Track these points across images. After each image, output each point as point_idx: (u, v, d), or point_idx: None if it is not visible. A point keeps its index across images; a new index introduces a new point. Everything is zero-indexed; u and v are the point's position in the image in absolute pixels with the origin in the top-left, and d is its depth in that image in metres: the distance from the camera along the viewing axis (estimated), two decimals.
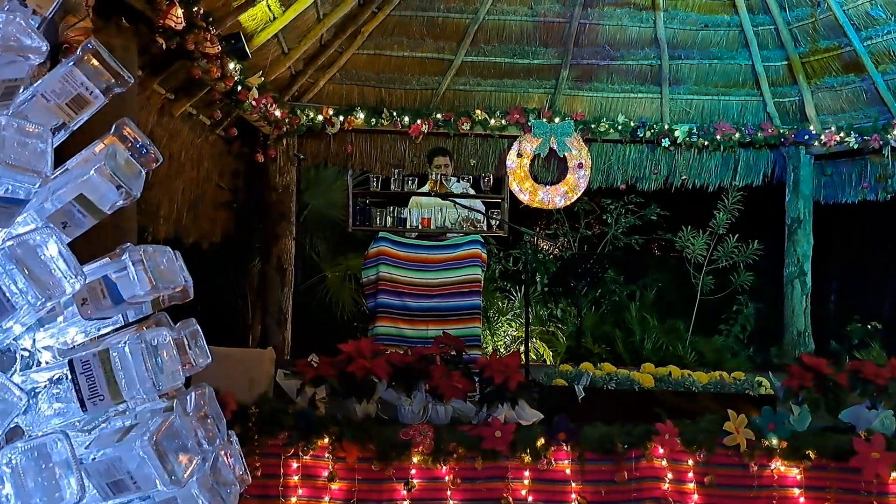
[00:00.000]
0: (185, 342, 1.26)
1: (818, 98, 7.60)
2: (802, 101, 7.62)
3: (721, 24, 7.49)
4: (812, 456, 3.80)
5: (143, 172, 1.31)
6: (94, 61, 1.30)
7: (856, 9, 6.78)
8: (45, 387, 1.16)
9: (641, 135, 7.69)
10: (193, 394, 1.30)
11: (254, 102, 5.86)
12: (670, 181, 7.96)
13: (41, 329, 1.20)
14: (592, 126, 7.68)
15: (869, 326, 7.79)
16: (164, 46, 3.86)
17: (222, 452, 1.36)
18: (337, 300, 8.06)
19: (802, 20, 7.19)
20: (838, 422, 4.05)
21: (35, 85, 1.27)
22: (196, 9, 4.14)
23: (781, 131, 7.62)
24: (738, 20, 7.41)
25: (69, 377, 1.12)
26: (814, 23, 7.07)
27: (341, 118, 7.33)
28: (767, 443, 3.84)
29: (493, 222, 5.90)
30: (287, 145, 7.25)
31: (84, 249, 1.43)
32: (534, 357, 8.21)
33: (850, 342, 7.79)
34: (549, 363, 8.04)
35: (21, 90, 1.21)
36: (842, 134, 7.32)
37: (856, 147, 7.29)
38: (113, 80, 1.33)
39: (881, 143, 7.10)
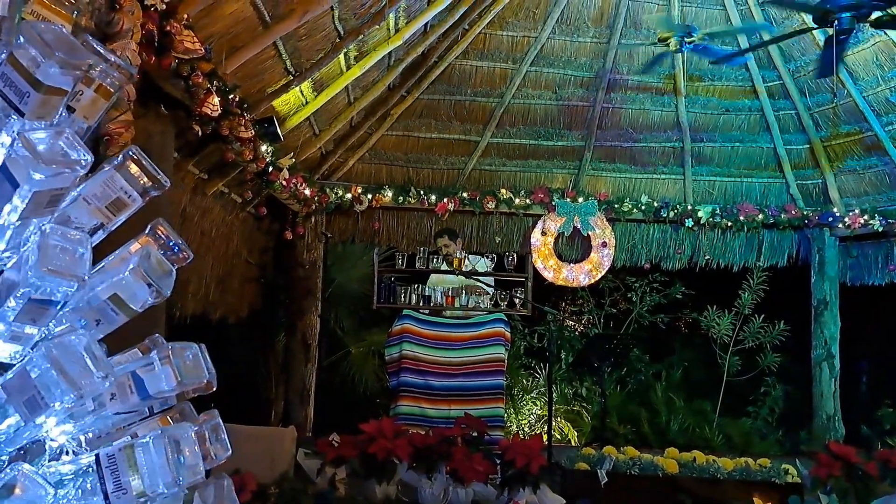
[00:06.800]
0: (207, 436, 1.31)
1: (841, 181, 7.65)
2: (825, 183, 7.67)
3: (742, 108, 7.64)
4: None
5: (174, 271, 1.38)
6: (134, 167, 1.39)
7: (875, 95, 6.89)
8: (71, 479, 1.22)
9: (665, 215, 7.77)
10: (213, 486, 1.34)
11: (284, 182, 6.04)
12: (694, 261, 7.99)
13: (70, 421, 1.25)
14: (616, 206, 7.78)
15: None
16: (200, 133, 4.04)
17: None
18: (360, 376, 8.06)
19: (823, 105, 7.31)
20: None
21: (78, 188, 1.36)
22: (232, 96, 4.33)
23: (805, 213, 7.67)
24: (759, 105, 7.56)
25: (95, 470, 1.17)
26: (834, 108, 7.18)
27: (369, 196, 7.49)
28: None
29: (516, 300, 5.94)
30: (315, 222, 7.41)
31: (122, 328, 1.50)
32: (558, 437, 8.11)
33: (881, 427, 7.59)
34: (573, 444, 7.93)
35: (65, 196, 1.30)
36: (866, 216, 7.33)
37: (881, 229, 7.28)
38: (150, 184, 1.41)
39: None
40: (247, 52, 4.53)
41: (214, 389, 1.54)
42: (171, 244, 1.44)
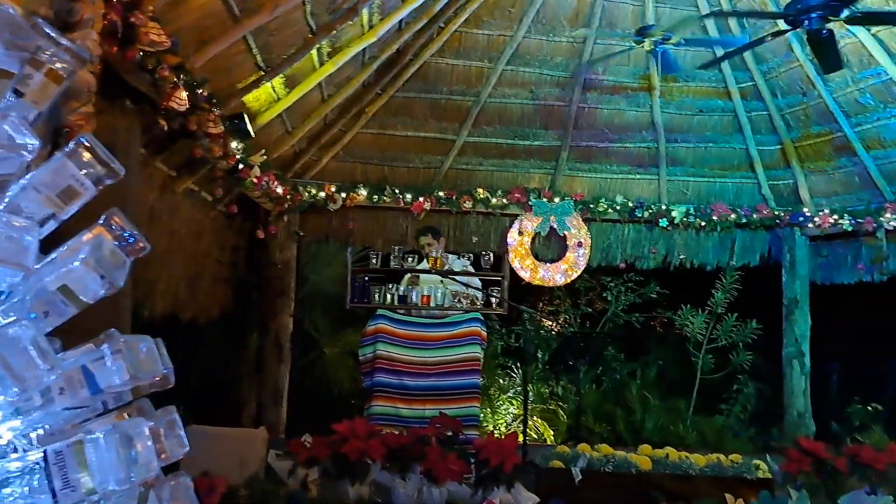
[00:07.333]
0: (162, 432, 1.27)
1: (811, 181, 7.73)
2: (796, 183, 7.74)
3: (715, 109, 7.70)
4: None
5: (128, 262, 1.33)
6: (86, 154, 1.34)
7: (845, 96, 6.94)
8: (18, 476, 1.17)
9: (640, 215, 7.80)
10: (169, 484, 1.29)
11: (255, 180, 5.96)
12: (669, 260, 8.03)
13: (17, 417, 1.20)
14: (592, 206, 7.80)
15: (869, 408, 7.70)
16: (166, 128, 3.97)
17: None
18: (335, 377, 8.00)
19: (794, 107, 7.38)
20: None
21: (28, 176, 1.31)
22: (200, 91, 4.26)
23: (776, 213, 7.73)
24: (732, 106, 7.62)
25: (42, 467, 1.13)
26: (805, 109, 7.25)
27: (343, 195, 7.43)
28: None
29: (493, 300, 5.93)
30: (288, 221, 7.33)
31: (79, 325, 1.46)
32: (535, 436, 8.11)
33: (850, 424, 7.69)
34: (549, 442, 7.93)
35: (13, 182, 1.25)
36: (835, 216, 7.41)
37: (850, 229, 7.36)
38: (104, 172, 1.36)
39: (875, 225, 7.16)
40: (215, 46, 4.46)
41: (172, 385, 1.50)
42: (125, 234, 1.40)
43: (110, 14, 2.92)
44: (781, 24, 5.40)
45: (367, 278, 5.93)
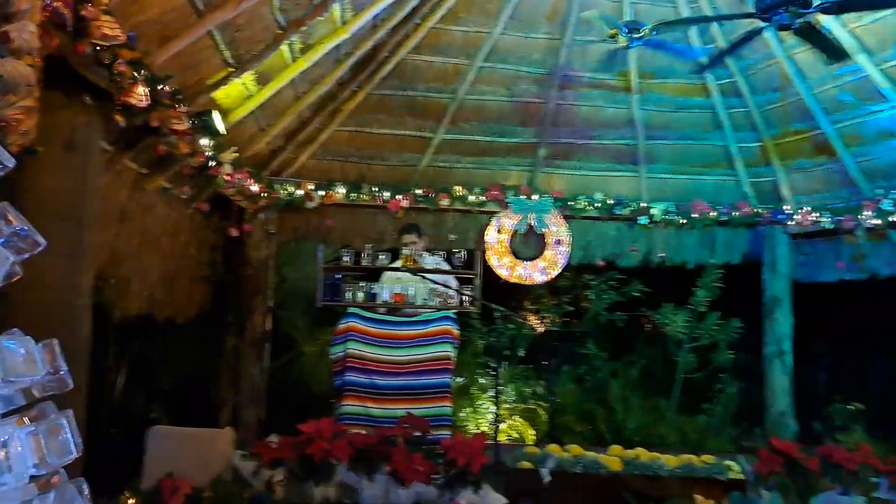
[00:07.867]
0: (41, 438, 1.20)
1: (792, 178, 7.68)
2: (777, 181, 7.70)
3: (694, 106, 7.63)
4: None
5: (10, 259, 1.27)
6: None
7: (824, 93, 6.90)
8: None
9: (619, 212, 7.75)
10: (54, 492, 1.23)
11: (227, 177, 5.88)
12: (649, 258, 7.98)
13: None
14: (571, 203, 7.75)
15: (851, 407, 7.66)
16: (123, 124, 3.89)
17: None
18: (313, 376, 7.92)
19: (773, 104, 7.33)
20: None
21: None
22: (162, 86, 4.18)
23: (757, 210, 7.69)
24: (712, 103, 7.56)
25: None
26: (784, 106, 7.20)
27: (321, 193, 7.37)
28: None
29: (464, 298, 5.87)
30: (264, 220, 7.26)
31: (38, 326, 1.41)
32: (516, 436, 8.06)
33: (832, 423, 7.65)
34: (529, 442, 7.89)
35: None
36: (816, 214, 7.37)
37: (830, 227, 7.32)
38: None
39: (854, 223, 7.12)
40: (179, 41, 4.38)
41: (71, 387, 1.44)
42: (17, 229, 1.33)
43: (56, 5, 2.84)
44: (757, 22, 5.35)
45: (337, 276, 5.88)
